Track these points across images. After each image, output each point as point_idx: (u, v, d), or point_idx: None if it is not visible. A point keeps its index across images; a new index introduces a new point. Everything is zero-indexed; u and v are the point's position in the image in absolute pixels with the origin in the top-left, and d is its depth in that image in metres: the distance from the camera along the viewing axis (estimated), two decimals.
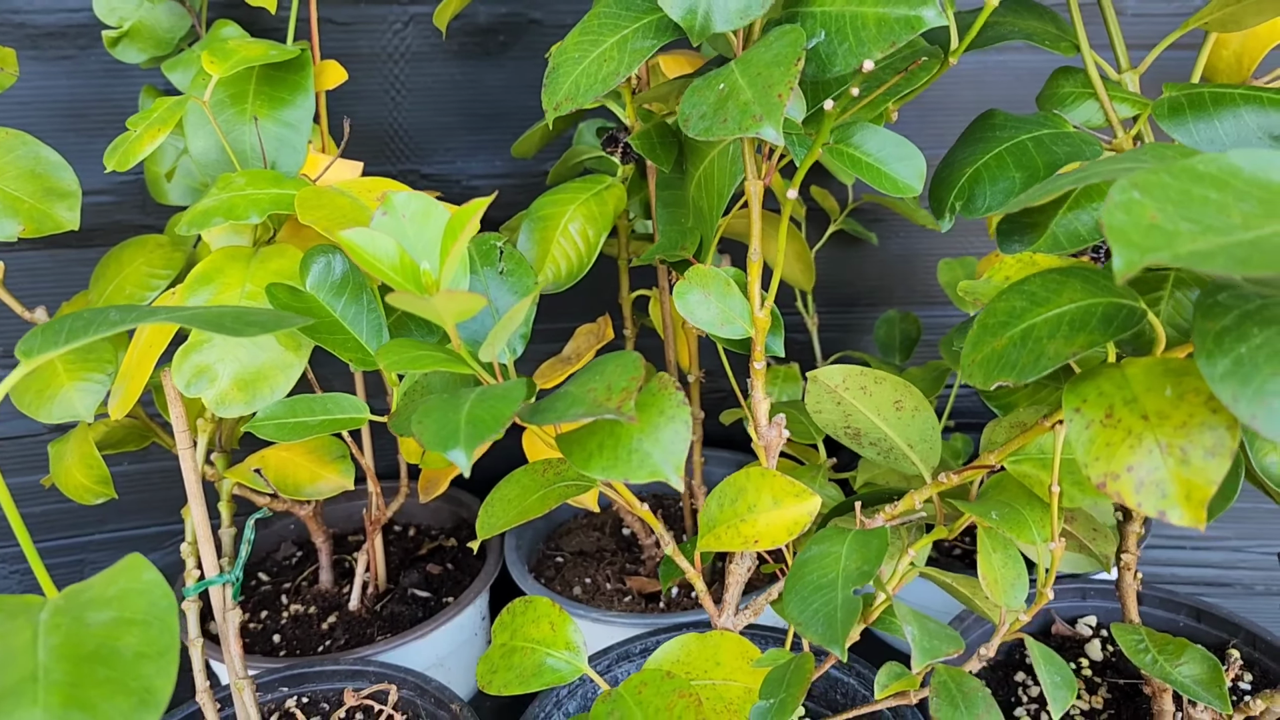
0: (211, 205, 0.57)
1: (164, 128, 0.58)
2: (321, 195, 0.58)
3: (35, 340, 0.40)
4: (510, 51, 0.86)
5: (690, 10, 0.49)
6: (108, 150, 0.58)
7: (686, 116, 0.48)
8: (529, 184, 0.90)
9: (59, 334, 0.41)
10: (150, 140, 0.57)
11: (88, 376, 0.64)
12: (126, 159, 0.57)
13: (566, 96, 0.53)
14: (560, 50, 0.54)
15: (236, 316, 0.41)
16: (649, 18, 0.53)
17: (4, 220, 0.63)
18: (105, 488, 0.66)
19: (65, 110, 0.81)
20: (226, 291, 0.58)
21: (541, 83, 0.87)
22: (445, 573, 0.83)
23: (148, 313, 0.42)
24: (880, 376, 0.54)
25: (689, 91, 0.50)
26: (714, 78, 0.49)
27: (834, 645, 0.45)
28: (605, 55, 0.52)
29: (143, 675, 0.35)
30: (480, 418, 0.41)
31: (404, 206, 0.45)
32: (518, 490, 0.55)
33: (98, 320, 0.42)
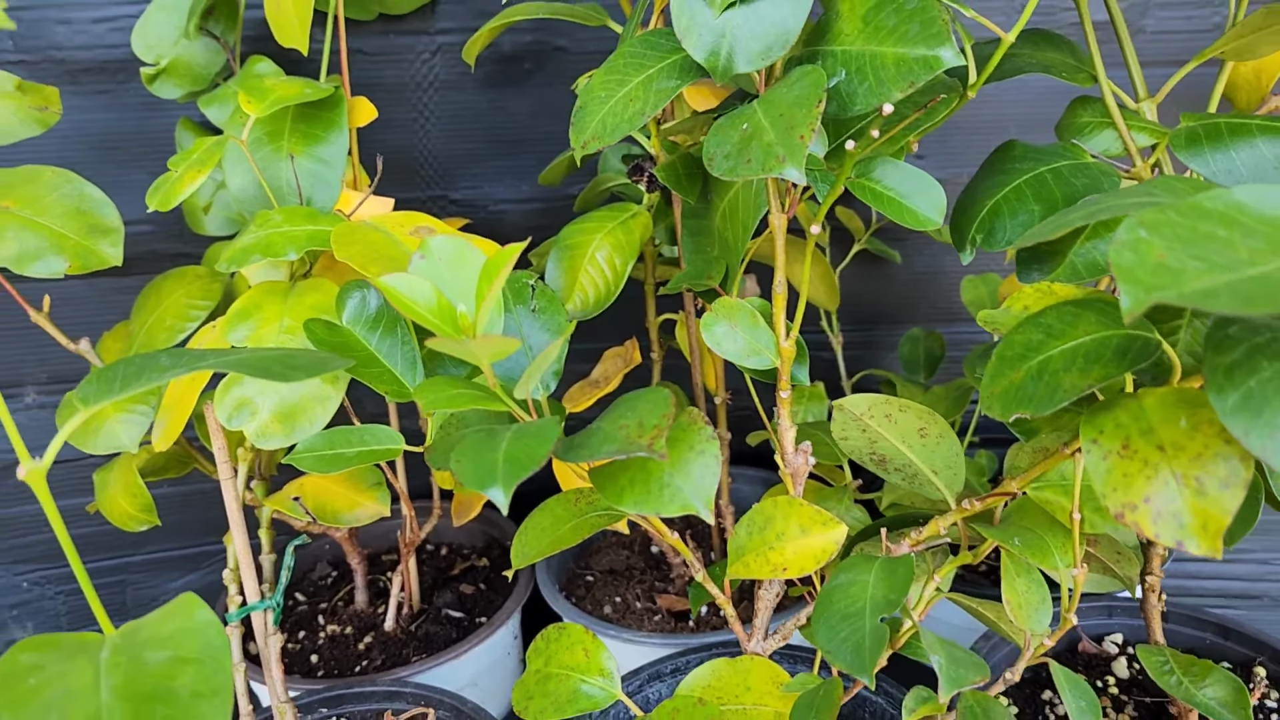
0: (250, 243, 0.59)
1: (204, 169, 0.59)
2: (356, 231, 0.59)
3: (91, 388, 0.42)
4: (535, 79, 0.87)
5: (713, 52, 0.51)
6: (150, 190, 0.60)
7: (711, 156, 0.50)
8: (555, 208, 0.91)
9: (113, 382, 0.43)
10: (191, 181, 0.59)
11: (131, 409, 0.66)
12: (169, 199, 0.59)
13: (594, 135, 0.54)
14: (587, 90, 0.56)
15: (281, 360, 0.43)
16: (673, 57, 0.54)
17: (51, 258, 0.65)
18: (149, 515, 0.68)
19: (103, 143, 0.84)
20: (265, 327, 0.60)
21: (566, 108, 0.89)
22: (478, 592, 0.85)
23: (196, 358, 0.44)
24: (904, 404, 0.55)
25: (713, 131, 0.51)
26: (737, 117, 0.51)
27: (862, 674, 0.46)
28: (631, 95, 0.53)
29: (200, 713, 0.37)
30: (517, 456, 0.42)
31: (440, 250, 0.47)
32: (551, 519, 0.56)
33: (149, 368, 0.43)
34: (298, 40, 0.65)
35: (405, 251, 0.58)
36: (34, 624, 0.91)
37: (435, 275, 0.47)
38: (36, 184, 0.67)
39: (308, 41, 0.65)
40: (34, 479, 0.43)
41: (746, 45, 0.51)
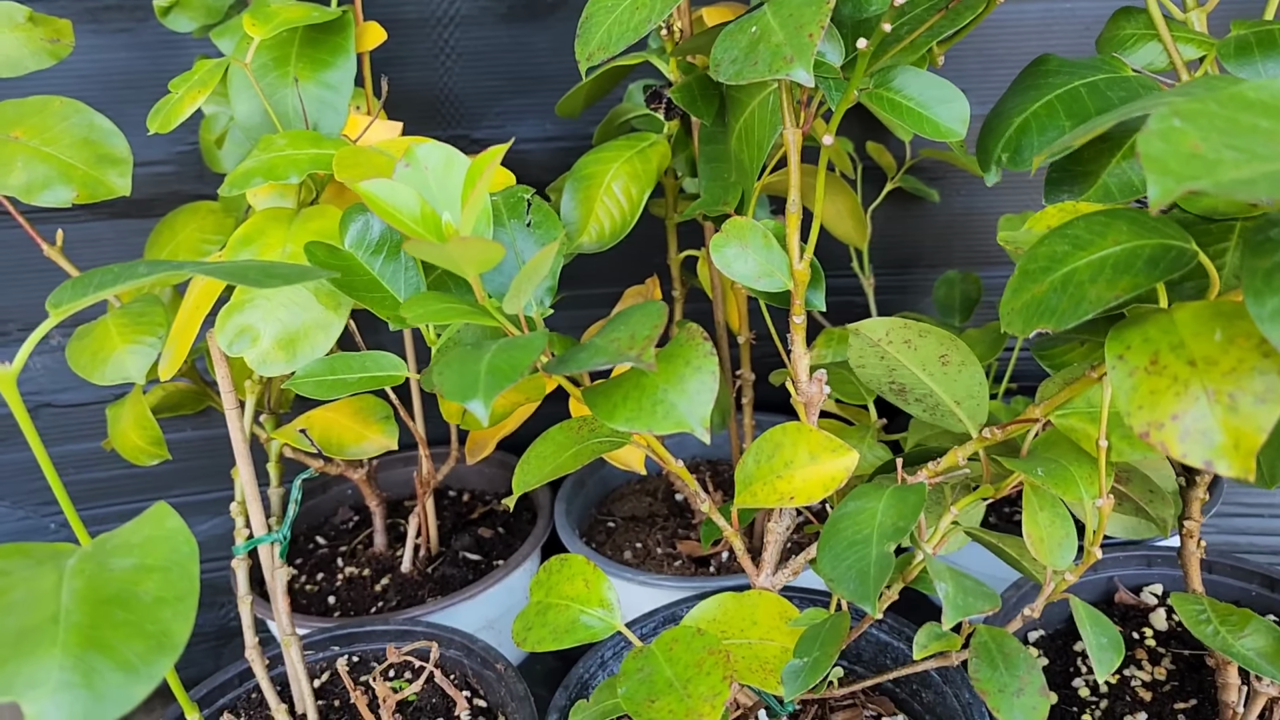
0: (252, 166, 0.58)
1: (204, 89, 0.58)
2: (359, 154, 0.58)
3: (65, 293, 0.41)
4: (558, 13, 0.85)
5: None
6: (151, 113, 0.59)
7: (718, 61, 0.47)
8: (580, 146, 0.88)
9: (88, 286, 0.41)
10: (191, 102, 0.58)
11: (139, 339, 0.65)
12: (169, 121, 0.58)
13: (599, 46, 0.52)
14: (595, 1, 0.53)
15: (261, 269, 0.41)
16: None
17: (59, 187, 0.64)
18: (159, 449, 0.68)
19: (123, 82, 0.83)
20: (268, 252, 0.59)
21: None
22: (496, 536, 0.84)
23: (174, 266, 0.42)
24: (925, 329, 0.52)
25: (722, 36, 0.49)
26: (746, 21, 0.48)
27: (865, 602, 0.44)
28: (638, 2, 0.51)
29: (160, 619, 0.35)
30: (499, 368, 0.40)
31: (426, 158, 0.45)
32: (552, 447, 0.54)
33: (126, 273, 0.42)
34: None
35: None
36: None
37: (421, 184, 0.45)
38: (45, 114, 0.67)
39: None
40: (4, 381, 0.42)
41: None
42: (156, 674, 0.34)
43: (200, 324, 0.62)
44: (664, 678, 0.48)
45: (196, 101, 0.58)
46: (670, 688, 0.47)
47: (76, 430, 0.89)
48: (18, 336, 0.86)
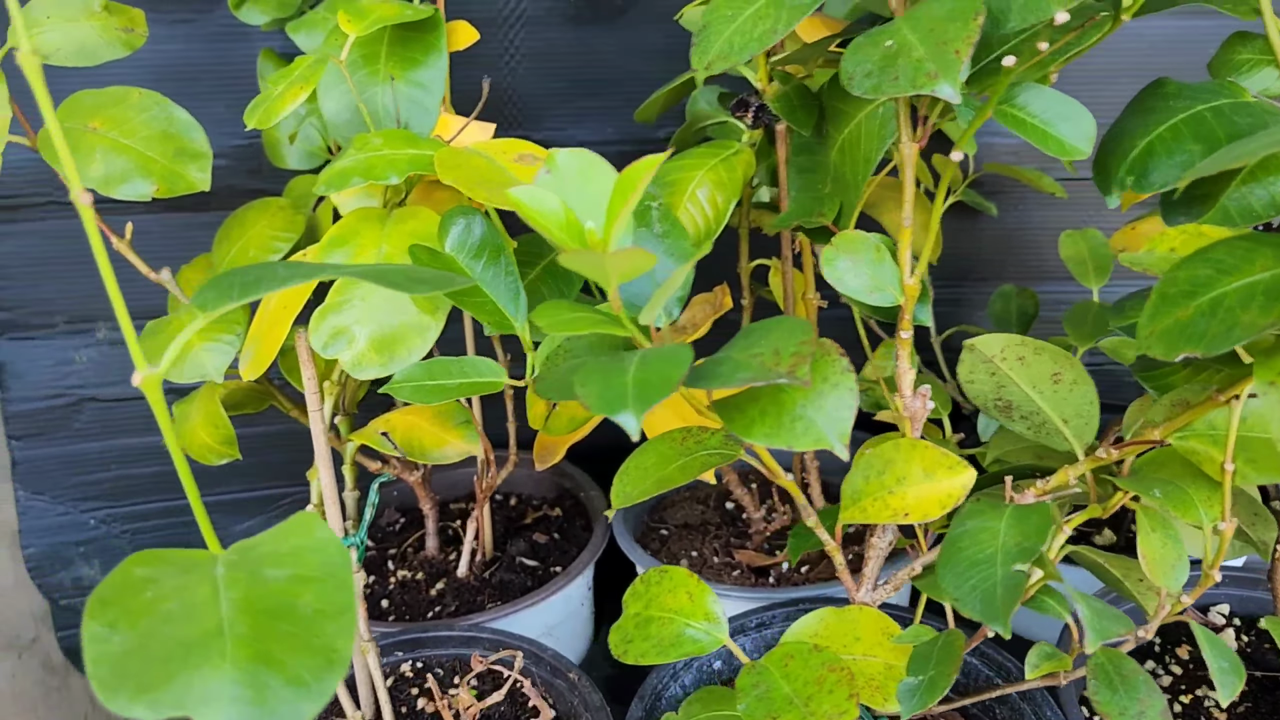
0: (349, 165, 0.57)
1: (305, 86, 0.57)
2: (459, 156, 0.57)
3: (210, 294, 0.40)
4: (625, 17, 0.84)
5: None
6: (248, 109, 0.58)
7: (850, 74, 0.47)
8: (639, 150, 0.87)
9: (231, 289, 0.40)
10: (292, 99, 0.57)
11: (218, 337, 0.64)
12: (267, 117, 0.57)
13: (719, 55, 0.51)
14: (711, 9, 0.53)
15: (404, 274, 0.41)
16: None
17: (138, 180, 0.63)
18: (230, 448, 0.67)
19: (182, 73, 0.82)
20: (362, 253, 0.58)
21: (656, 48, 0.86)
22: (552, 542, 0.83)
23: (316, 268, 0.41)
24: (1040, 346, 0.52)
25: (851, 49, 0.49)
26: (878, 35, 0.48)
27: (995, 622, 0.44)
28: (760, 13, 0.51)
29: (324, 633, 0.35)
30: (648, 380, 0.40)
31: (567, 165, 0.44)
32: (655, 459, 0.54)
33: (267, 277, 0.41)
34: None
35: (512, 178, 0.55)
36: (100, 561, 0.90)
37: (561, 190, 0.44)
38: (124, 105, 0.66)
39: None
40: (149, 385, 0.41)
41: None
42: (326, 690, 0.33)
43: (290, 324, 0.61)
44: (782, 694, 0.47)
45: (298, 99, 0.57)
46: (790, 705, 0.47)
47: (121, 425, 0.88)
48: (65, 328, 0.85)
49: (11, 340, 0.85)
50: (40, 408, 0.86)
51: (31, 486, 0.87)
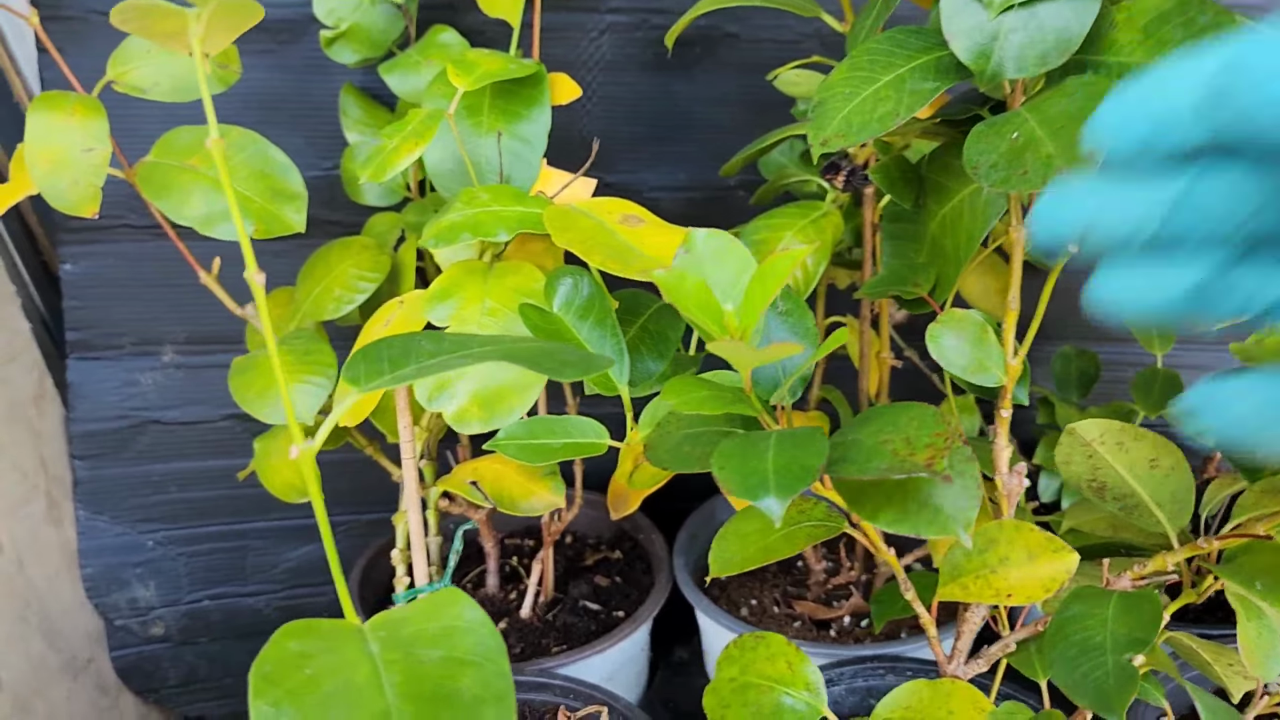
0: (458, 220, 0.58)
1: (421, 141, 0.58)
2: (567, 216, 0.58)
3: (360, 369, 0.41)
4: (703, 64, 0.85)
5: (982, 55, 0.49)
6: (363, 160, 0.59)
7: (975, 164, 0.48)
8: (708, 197, 0.89)
9: (381, 362, 0.41)
10: (407, 153, 0.57)
11: (308, 379, 0.64)
12: (382, 170, 0.58)
13: (836, 133, 0.52)
14: (826, 85, 0.53)
15: (551, 356, 0.41)
16: (925, 57, 0.52)
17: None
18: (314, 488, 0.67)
19: (263, 104, 0.82)
20: (467, 307, 0.58)
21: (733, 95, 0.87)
22: (613, 585, 0.84)
23: (459, 344, 0.42)
24: (1140, 433, 0.53)
25: (974, 138, 0.49)
26: (1002, 125, 0.49)
27: (1110, 714, 0.44)
28: (880, 94, 0.51)
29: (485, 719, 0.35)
30: (789, 469, 0.40)
31: (704, 246, 0.45)
32: (757, 526, 0.54)
33: (413, 351, 0.42)
34: (508, 11, 0.63)
35: (622, 242, 0.56)
36: (155, 584, 0.90)
37: (699, 270, 0.45)
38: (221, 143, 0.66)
39: (520, 14, 0.64)
40: (305, 459, 0.41)
41: (1021, 51, 0.49)
42: None
43: None
44: None
45: (414, 153, 0.57)
46: None
47: (180, 448, 0.88)
48: (131, 350, 0.85)
49: (80, 360, 0.85)
50: (105, 429, 0.86)
51: (92, 507, 0.87)
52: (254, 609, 0.94)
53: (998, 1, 0.47)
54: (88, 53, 0.78)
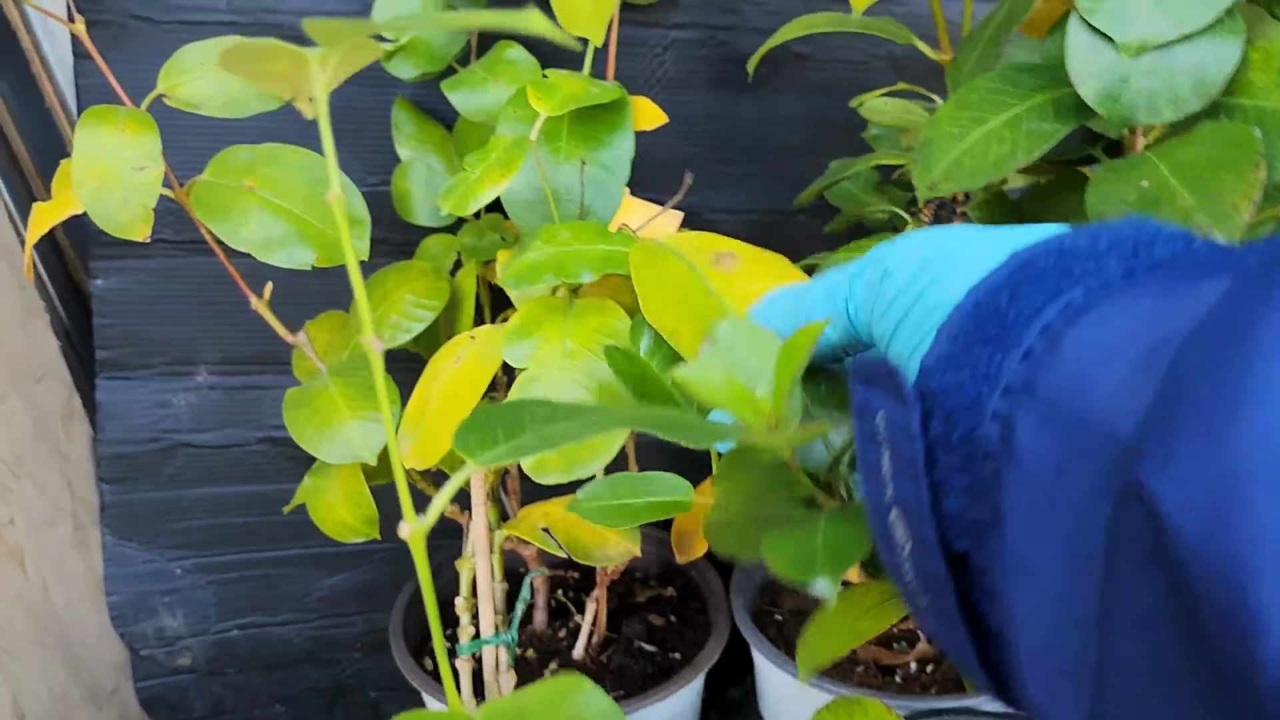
0: (540, 260, 0.54)
1: (508, 171, 0.54)
2: (654, 256, 0.54)
3: (471, 439, 0.37)
4: (769, 84, 0.82)
5: (1110, 97, 0.45)
6: (444, 192, 0.55)
7: (1101, 213, 0.45)
8: (767, 220, 0.86)
9: (494, 430, 0.37)
10: (492, 184, 0.54)
11: (368, 415, 0.61)
12: (463, 203, 0.54)
13: (945, 176, 0.49)
14: (933, 124, 0.50)
15: (685, 426, 0.38)
16: (1041, 96, 0.49)
17: (297, 247, 0.60)
18: (370, 529, 0.64)
19: (305, 121, 0.78)
20: (547, 346, 0.55)
21: (798, 117, 0.83)
22: (668, 625, 0.80)
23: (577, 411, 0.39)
24: None
25: (1097, 182, 0.46)
26: (1126, 171, 0.45)
27: None
28: (994, 135, 0.48)
29: None
30: (838, 547, 0.37)
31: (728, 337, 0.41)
32: (840, 612, 0.51)
33: (529, 418, 0.38)
34: (591, 29, 0.60)
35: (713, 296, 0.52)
36: (183, 612, 0.86)
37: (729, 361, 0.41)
38: (279, 164, 0.63)
39: (604, 31, 0.60)
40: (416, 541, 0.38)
41: (1153, 95, 0.46)
42: None
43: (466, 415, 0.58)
44: None
45: (499, 185, 0.54)
46: None
47: (212, 473, 0.85)
48: (163, 370, 0.82)
49: (109, 380, 0.81)
50: (134, 451, 0.82)
51: (120, 532, 0.83)
52: (284, 639, 0.90)
53: (1133, 43, 0.44)
54: (127, 59, 0.75)
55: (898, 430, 0.30)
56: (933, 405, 0.30)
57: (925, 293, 0.33)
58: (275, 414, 0.84)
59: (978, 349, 0.29)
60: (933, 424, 0.30)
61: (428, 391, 0.59)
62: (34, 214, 0.65)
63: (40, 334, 0.78)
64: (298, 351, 0.72)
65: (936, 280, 0.33)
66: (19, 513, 0.73)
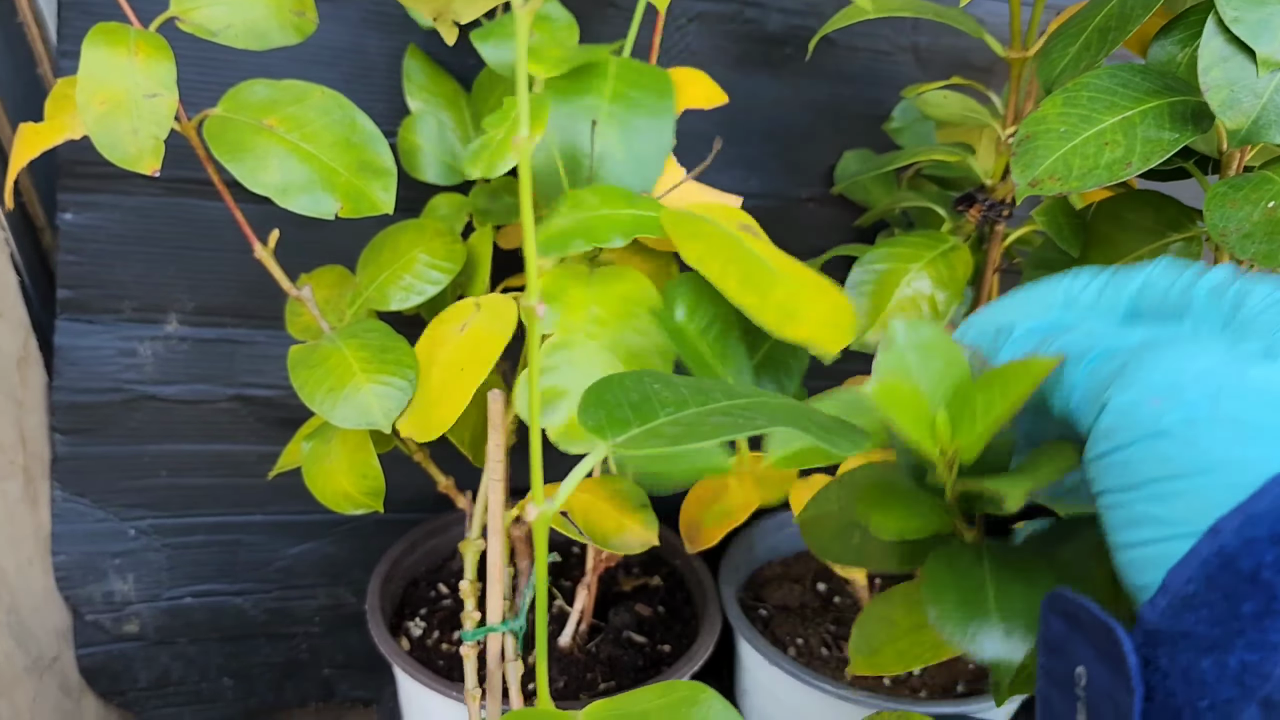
0: (568, 226, 0.51)
1: (535, 131, 0.51)
2: (688, 222, 0.52)
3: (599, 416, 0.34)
4: (792, 65, 0.80)
5: (1240, 111, 0.44)
6: (471, 155, 0.52)
7: (1222, 231, 0.44)
8: (780, 208, 0.84)
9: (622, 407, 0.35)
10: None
11: (386, 380, 0.57)
12: (493, 165, 0.51)
13: (1050, 174, 0.47)
14: (1036, 119, 0.49)
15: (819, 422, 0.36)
16: (1156, 101, 0.47)
17: (321, 194, 0.56)
18: (374, 501, 0.60)
19: (314, 58, 0.74)
20: (573, 314, 0.53)
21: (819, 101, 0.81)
22: (656, 615, 0.78)
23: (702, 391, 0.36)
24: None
25: (1213, 197, 0.45)
26: (1250, 189, 0.44)
27: None
28: (1106, 138, 0.47)
29: None
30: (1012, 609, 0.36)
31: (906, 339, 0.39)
32: (905, 610, 0.49)
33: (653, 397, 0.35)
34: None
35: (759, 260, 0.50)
36: (134, 576, 0.81)
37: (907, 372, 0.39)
38: (303, 104, 0.58)
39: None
40: (541, 525, 0.35)
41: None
42: None
43: (479, 385, 0.55)
44: None
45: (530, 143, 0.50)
46: None
47: (176, 429, 0.79)
48: (132, 315, 0.76)
49: (70, 321, 0.75)
50: (93, 401, 0.77)
51: (72, 487, 0.78)
52: (240, 609, 0.85)
53: (1274, 59, 0.43)
54: None
55: (1105, 700, 0.26)
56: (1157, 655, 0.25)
57: (1188, 473, 0.26)
58: (248, 370, 0.79)
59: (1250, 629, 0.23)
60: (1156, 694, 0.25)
61: (430, 359, 0.56)
62: (21, 135, 0.59)
63: (1, 269, 0.72)
64: (292, 305, 0.67)
65: (1203, 470, 0.25)
66: None
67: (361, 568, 0.87)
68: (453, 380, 0.55)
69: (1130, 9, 0.50)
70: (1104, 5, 0.52)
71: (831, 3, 0.78)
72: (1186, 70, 0.49)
